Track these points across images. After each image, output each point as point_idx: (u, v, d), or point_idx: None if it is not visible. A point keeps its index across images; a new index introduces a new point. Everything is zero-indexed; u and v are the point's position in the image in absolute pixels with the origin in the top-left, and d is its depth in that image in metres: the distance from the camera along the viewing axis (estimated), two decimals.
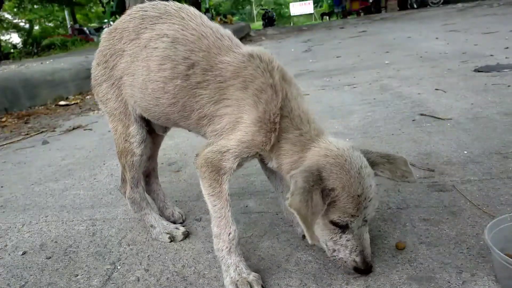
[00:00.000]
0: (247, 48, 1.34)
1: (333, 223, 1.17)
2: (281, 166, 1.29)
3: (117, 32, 1.47)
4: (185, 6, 1.44)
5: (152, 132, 1.66)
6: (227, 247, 1.27)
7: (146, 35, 1.39)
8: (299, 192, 1.09)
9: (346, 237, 1.18)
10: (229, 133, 1.27)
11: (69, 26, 30.47)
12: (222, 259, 1.28)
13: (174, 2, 1.46)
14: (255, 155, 1.31)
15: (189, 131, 1.51)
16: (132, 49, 1.42)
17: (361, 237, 1.19)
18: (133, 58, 1.42)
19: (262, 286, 1.23)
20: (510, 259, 1.03)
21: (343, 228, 1.18)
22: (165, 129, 1.68)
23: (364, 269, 1.19)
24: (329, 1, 41.01)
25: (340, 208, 1.13)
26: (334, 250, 1.21)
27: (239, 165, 1.30)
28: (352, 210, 1.13)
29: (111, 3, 17.31)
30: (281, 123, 1.24)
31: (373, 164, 1.23)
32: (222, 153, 1.25)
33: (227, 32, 1.39)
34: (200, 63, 1.31)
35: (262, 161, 1.42)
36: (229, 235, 1.27)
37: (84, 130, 4.02)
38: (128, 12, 1.49)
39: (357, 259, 1.19)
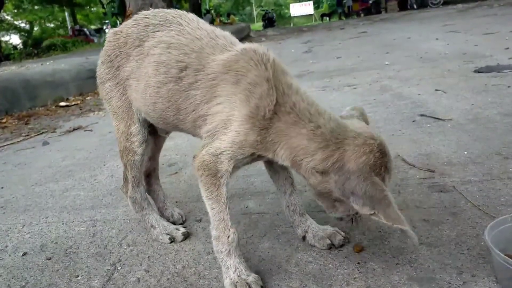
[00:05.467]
0: (242, 45, 1.30)
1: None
2: (299, 165, 1.18)
3: (122, 35, 1.48)
4: (184, 13, 1.45)
5: (155, 133, 1.66)
6: (226, 249, 1.27)
7: (149, 43, 1.40)
8: (382, 203, 1.07)
9: None
10: (221, 134, 1.21)
11: (69, 27, 30.53)
12: (222, 260, 1.28)
13: (175, 9, 1.47)
14: (252, 156, 1.24)
15: (193, 135, 1.49)
16: (138, 56, 1.43)
17: None
18: (138, 64, 1.43)
19: (261, 287, 1.23)
20: (511, 260, 1.03)
21: None
22: (167, 131, 1.68)
23: None
24: (328, 2, 41.08)
25: None
26: None
27: (236, 166, 1.26)
28: None
29: (112, 3, 17.34)
30: (286, 119, 1.16)
31: None
32: (216, 155, 1.21)
33: (224, 33, 1.37)
34: (192, 64, 1.29)
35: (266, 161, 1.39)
36: (228, 238, 1.26)
37: (85, 131, 4.02)
38: (134, 17, 1.51)
39: None
